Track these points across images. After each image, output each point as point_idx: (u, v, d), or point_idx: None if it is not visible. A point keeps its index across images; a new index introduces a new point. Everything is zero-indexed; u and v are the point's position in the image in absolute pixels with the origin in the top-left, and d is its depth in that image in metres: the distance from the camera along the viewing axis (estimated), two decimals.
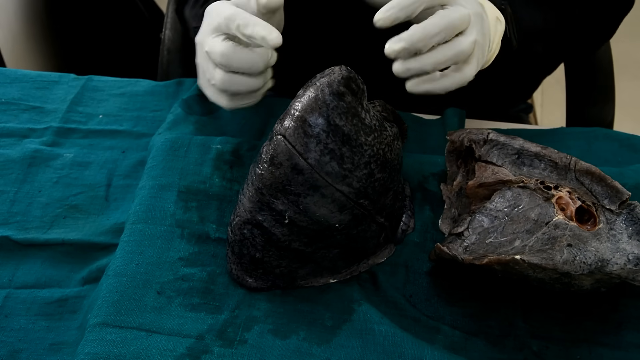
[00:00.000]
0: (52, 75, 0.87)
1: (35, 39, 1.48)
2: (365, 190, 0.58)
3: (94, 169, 0.76)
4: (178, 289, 0.62)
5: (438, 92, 0.62)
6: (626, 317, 0.61)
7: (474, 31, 0.61)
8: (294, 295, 0.62)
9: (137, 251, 0.64)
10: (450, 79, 0.62)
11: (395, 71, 0.61)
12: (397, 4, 0.58)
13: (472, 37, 0.61)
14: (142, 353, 0.57)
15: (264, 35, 0.60)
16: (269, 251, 0.60)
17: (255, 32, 0.60)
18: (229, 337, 0.59)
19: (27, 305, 0.63)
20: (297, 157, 0.56)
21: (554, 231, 0.59)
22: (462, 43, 0.60)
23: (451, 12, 0.59)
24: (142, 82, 0.87)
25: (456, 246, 0.61)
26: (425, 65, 0.60)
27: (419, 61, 0.60)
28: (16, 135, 0.79)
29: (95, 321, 0.59)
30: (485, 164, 0.65)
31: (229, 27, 0.62)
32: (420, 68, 0.60)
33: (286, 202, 0.58)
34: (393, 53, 0.59)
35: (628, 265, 0.58)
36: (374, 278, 0.64)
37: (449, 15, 0.59)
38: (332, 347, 0.58)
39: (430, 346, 0.58)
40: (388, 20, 0.58)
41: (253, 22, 0.61)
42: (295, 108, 0.57)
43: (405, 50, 0.59)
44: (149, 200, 0.68)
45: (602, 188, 0.62)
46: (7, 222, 0.69)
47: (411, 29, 0.58)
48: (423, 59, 0.60)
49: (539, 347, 0.59)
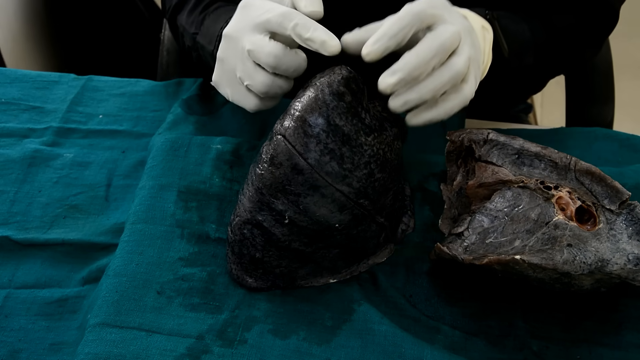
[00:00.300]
0: (52, 75, 0.87)
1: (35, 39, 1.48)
2: (365, 190, 0.58)
3: (94, 169, 0.76)
4: (178, 289, 0.62)
5: (441, 118, 0.58)
6: (626, 317, 0.61)
7: (465, 48, 0.57)
8: (294, 295, 0.62)
9: (137, 251, 0.64)
10: (451, 102, 0.58)
11: (392, 107, 0.57)
12: (384, 33, 0.54)
13: (465, 54, 0.57)
14: (142, 353, 0.57)
15: (324, 40, 0.57)
16: (269, 251, 0.60)
17: (315, 36, 0.57)
18: (229, 337, 0.59)
19: (27, 305, 0.63)
20: (297, 157, 0.56)
21: (554, 231, 0.59)
22: (457, 63, 0.56)
23: (441, 33, 0.55)
24: (142, 82, 0.87)
25: (456, 246, 0.61)
26: (424, 94, 0.56)
27: (417, 91, 0.56)
28: (16, 135, 0.79)
29: (95, 321, 0.59)
30: (485, 164, 0.65)
31: (284, 25, 0.58)
32: (419, 98, 0.56)
33: (286, 202, 0.58)
34: (389, 87, 0.55)
35: (628, 265, 0.58)
36: (374, 278, 0.64)
37: (439, 37, 0.55)
38: (332, 347, 0.58)
39: (430, 346, 0.58)
40: (378, 52, 0.55)
41: (313, 25, 0.57)
42: (295, 108, 0.57)
43: (403, 81, 0.55)
44: (149, 200, 0.68)
45: (602, 188, 0.62)
46: (7, 222, 0.69)
47: (404, 57, 0.54)
48: (420, 88, 0.56)
49: (539, 347, 0.59)
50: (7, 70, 0.89)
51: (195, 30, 0.75)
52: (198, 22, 0.75)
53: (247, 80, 0.63)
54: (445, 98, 0.58)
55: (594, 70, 0.97)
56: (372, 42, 0.55)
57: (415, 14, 0.55)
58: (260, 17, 0.60)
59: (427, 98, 0.56)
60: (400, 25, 0.54)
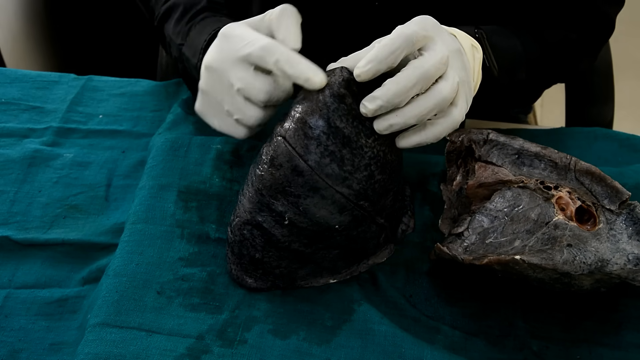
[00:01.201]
0: (52, 75, 0.87)
1: (35, 39, 1.48)
2: (365, 192, 0.58)
3: (94, 169, 0.76)
4: (178, 289, 0.62)
5: (430, 141, 0.59)
6: (626, 317, 0.61)
7: (453, 72, 0.57)
8: (294, 295, 0.62)
9: (137, 251, 0.64)
10: (440, 126, 0.58)
11: (378, 129, 0.57)
12: (374, 57, 0.54)
13: (452, 79, 0.57)
14: (142, 353, 0.57)
15: (309, 77, 0.56)
16: (269, 252, 0.60)
17: (299, 73, 0.56)
18: (229, 337, 0.59)
19: (27, 305, 0.63)
20: (298, 159, 0.56)
21: (554, 231, 0.59)
22: (442, 90, 0.56)
23: (425, 61, 0.55)
24: (142, 82, 0.87)
25: (456, 246, 0.61)
26: (409, 119, 0.56)
27: (401, 116, 0.56)
28: (16, 135, 0.79)
29: (95, 321, 0.59)
30: (485, 164, 0.65)
31: (265, 60, 0.58)
32: (404, 123, 0.56)
33: (286, 204, 0.58)
34: (370, 112, 0.56)
35: (628, 265, 0.58)
36: (374, 278, 0.64)
37: (422, 65, 0.55)
38: (332, 347, 0.58)
39: (430, 346, 0.58)
40: (369, 74, 0.55)
41: (296, 60, 0.57)
42: (295, 110, 0.57)
43: (383, 108, 0.55)
44: (149, 200, 0.68)
45: (602, 188, 0.62)
46: (7, 222, 0.69)
47: (385, 85, 0.55)
48: (405, 113, 0.56)
49: (539, 347, 0.59)
50: (7, 70, 0.89)
51: (181, 42, 0.74)
52: (184, 32, 0.74)
53: (237, 115, 0.63)
54: (434, 122, 0.58)
55: (594, 71, 0.97)
56: (363, 64, 0.55)
57: (406, 37, 0.55)
58: (242, 51, 0.59)
59: (412, 123, 0.57)
60: (391, 49, 0.55)
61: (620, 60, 1.05)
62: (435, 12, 0.61)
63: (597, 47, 0.83)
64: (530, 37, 0.76)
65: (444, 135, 0.59)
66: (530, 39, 0.76)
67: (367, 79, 0.56)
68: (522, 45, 0.75)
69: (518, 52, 0.74)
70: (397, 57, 0.55)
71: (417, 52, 0.57)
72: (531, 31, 0.77)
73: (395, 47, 0.55)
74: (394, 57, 0.55)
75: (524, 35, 0.76)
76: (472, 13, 0.78)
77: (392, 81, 0.55)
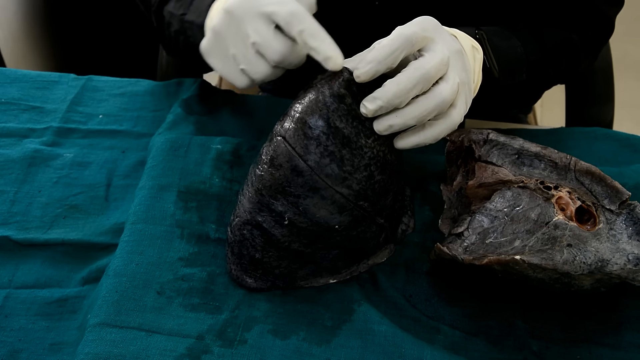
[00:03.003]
0: (52, 75, 0.87)
1: (35, 39, 1.48)
2: (365, 192, 0.58)
3: (94, 169, 0.76)
4: (178, 289, 0.62)
5: (429, 142, 0.59)
6: (626, 317, 0.61)
7: (453, 73, 0.57)
8: (294, 295, 0.62)
9: (137, 251, 0.64)
10: (439, 127, 0.58)
11: (377, 129, 0.57)
12: (374, 57, 0.55)
13: (453, 80, 0.57)
14: (142, 353, 0.57)
15: (330, 56, 0.56)
16: (269, 252, 0.60)
17: (322, 48, 0.56)
18: (229, 337, 0.59)
19: (27, 305, 0.63)
20: (297, 159, 0.56)
21: (554, 231, 0.59)
22: (442, 91, 0.56)
23: (426, 62, 0.55)
24: (142, 82, 0.87)
25: (456, 246, 0.61)
26: (408, 120, 0.56)
27: (401, 117, 0.56)
28: (16, 135, 0.79)
29: (95, 321, 0.59)
30: (485, 164, 0.65)
31: (291, 26, 0.57)
32: (403, 124, 0.57)
33: (286, 204, 0.58)
34: (370, 113, 0.56)
35: (628, 265, 0.58)
36: (374, 278, 0.64)
37: (422, 66, 0.55)
38: (332, 347, 0.58)
39: (430, 346, 0.58)
40: (369, 74, 0.55)
41: (321, 35, 0.56)
42: (295, 110, 0.57)
43: (382, 109, 0.56)
44: (149, 200, 0.68)
45: (602, 188, 0.62)
46: (7, 222, 0.69)
47: (385, 85, 0.55)
48: (404, 114, 0.56)
49: (539, 347, 0.59)
50: (7, 70, 0.89)
51: (183, 12, 0.73)
52: (187, 4, 0.73)
53: (244, 65, 0.61)
54: (433, 123, 0.58)
55: (594, 71, 0.97)
56: (363, 64, 0.55)
57: (406, 37, 0.55)
58: (268, 7, 0.58)
59: (411, 124, 0.57)
60: (390, 50, 0.55)
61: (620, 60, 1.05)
62: (435, 13, 0.62)
63: (597, 48, 0.83)
64: (531, 38, 0.77)
65: (442, 137, 0.60)
66: (530, 40, 0.76)
67: (366, 79, 0.56)
68: (522, 46, 0.75)
69: (518, 53, 0.75)
70: (396, 58, 0.55)
71: (418, 52, 0.57)
72: (531, 32, 0.78)
73: (395, 47, 0.55)
74: (393, 57, 0.55)
75: (524, 36, 0.76)
76: (473, 14, 0.78)
77: (393, 82, 0.55)
